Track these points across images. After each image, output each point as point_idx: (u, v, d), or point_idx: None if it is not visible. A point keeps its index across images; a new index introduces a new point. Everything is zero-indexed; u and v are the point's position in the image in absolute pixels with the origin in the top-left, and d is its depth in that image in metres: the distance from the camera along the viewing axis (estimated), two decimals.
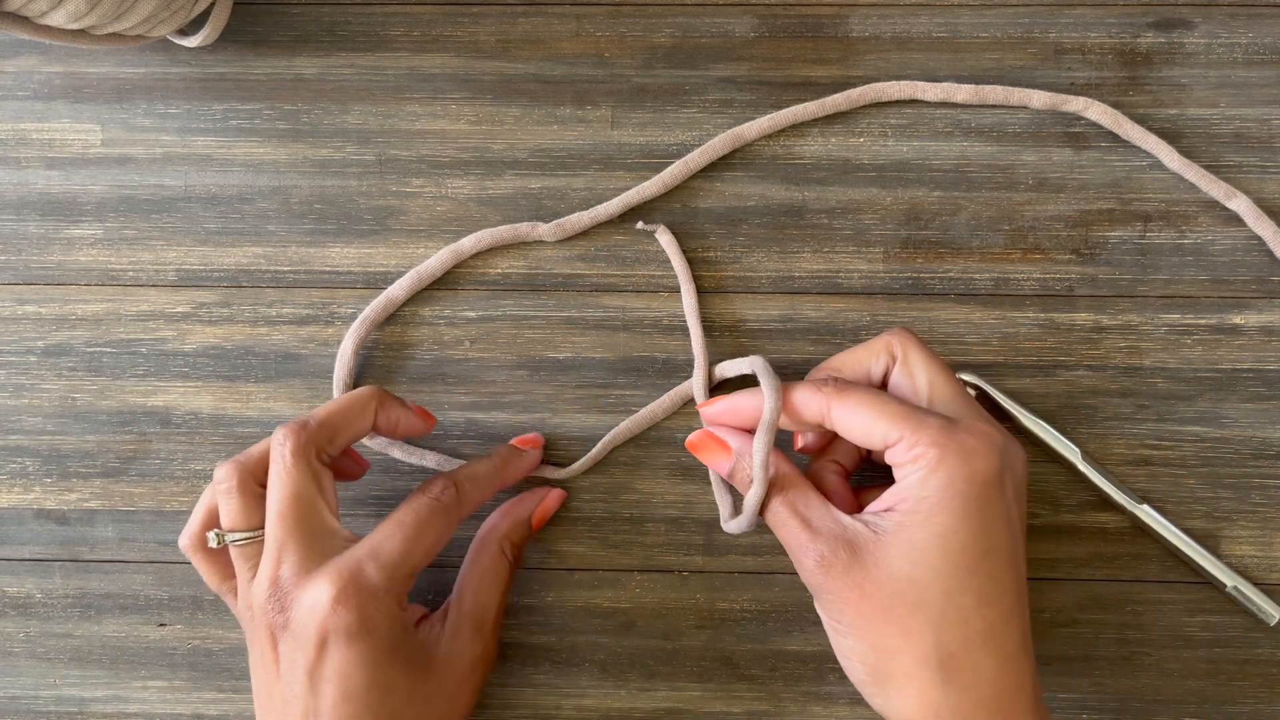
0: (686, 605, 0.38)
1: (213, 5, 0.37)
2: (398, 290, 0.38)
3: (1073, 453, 0.37)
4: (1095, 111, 0.38)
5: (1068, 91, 0.38)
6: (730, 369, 0.37)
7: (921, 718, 0.30)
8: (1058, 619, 0.38)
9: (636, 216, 0.38)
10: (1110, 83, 0.38)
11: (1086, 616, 0.38)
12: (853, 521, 0.31)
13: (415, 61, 0.39)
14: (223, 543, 0.33)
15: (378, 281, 0.39)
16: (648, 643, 0.38)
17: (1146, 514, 0.37)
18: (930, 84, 0.38)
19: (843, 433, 0.32)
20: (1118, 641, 0.38)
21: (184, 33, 0.38)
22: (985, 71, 0.38)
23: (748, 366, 0.35)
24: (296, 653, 0.31)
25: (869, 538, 0.30)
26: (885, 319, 0.38)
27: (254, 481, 0.33)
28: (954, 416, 0.31)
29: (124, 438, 0.39)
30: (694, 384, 0.37)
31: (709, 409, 0.35)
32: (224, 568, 0.34)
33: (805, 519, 0.31)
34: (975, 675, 0.29)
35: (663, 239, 0.38)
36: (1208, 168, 0.38)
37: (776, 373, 0.33)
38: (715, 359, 0.38)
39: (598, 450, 0.38)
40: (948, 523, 0.29)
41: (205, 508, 0.34)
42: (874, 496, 0.32)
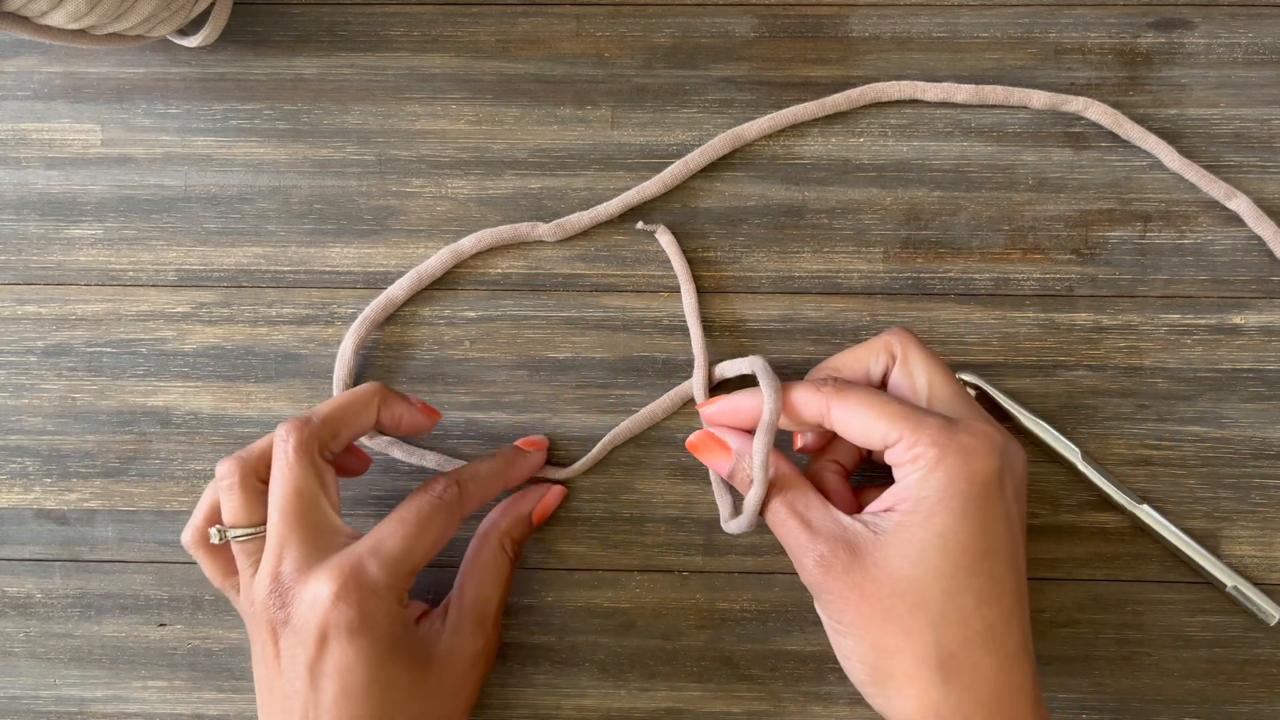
0: (686, 605, 0.38)
1: (213, 5, 0.37)
2: (398, 290, 0.38)
3: (1073, 453, 0.37)
4: (1095, 111, 0.38)
5: (1068, 91, 0.38)
6: (730, 369, 0.37)
7: (921, 718, 0.30)
8: (1058, 619, 0.38)
9: (636, 216, 0.38)
10: (1110, 83, 0.38)
11: (1086, 616, 0.38)
12: (852, 522, 0.31)
13: (415, 61, 0.39)
14: (225, 539, 0.33)
15: (378, 281, 0.39)
16: (648, 643, 0.38)
17: (1146, 514, 0.37)
18: (930, 84, 0.38)
19: (842, 433, 0.32)
20: (1118, 641, 0.38)
21: (184, 33, 0.38)
22: (985, 71, 0.38)
23: (747, 366, 0.35)
24: (297, 648, 0.31)
25: (868, 538, 0.30)
26: (885, 319, 0.38)
27: (256, 478, 0.33)
28: (953, 416, 0.31)
29: (124, 438, 0.39)
30: (694, 384, 0.37)
31: (708, 409, 0.35)
32: (226, 564, 0.34)
33: (805, 519, 0.31)
34: (975, 675, 0.29)
35: (663, 239, 0.38)
36: (1208, 168, 0.38)
37: (776, 373, 0.33)
38: (715, 359, 0.38)
39: (598, 450, 0.38)
40: (947, 522, 0.29)
41: (208, 504, 0.34)
42: (874, 496, 0.32)
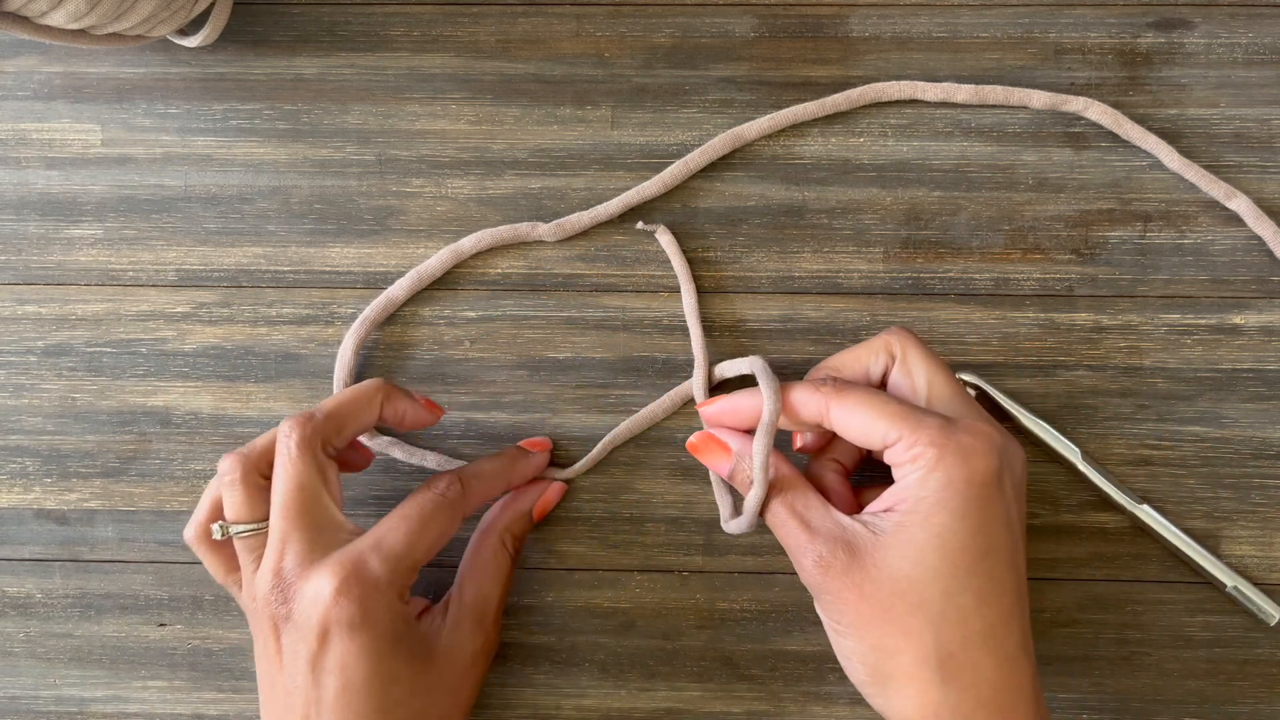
0: (686, 605, 0.38)
1: (213, 5, 0.37)
2: (398, 290, 0.38)
3: (1073, 453, 0.37)
4: (1095, 111, 0.38)
5: (1068, 91, 0.38)
6: (730, 369, 0.37)
7: (921, 718, 0.30)
8: (1058, 619, 0.38)
9: (636, 216, 0.38)
10: (1110, 83, 0.38)
11: (1086, 616, 0.38)
12: (852, 522, 0.31)
13: (415, 61, 0.39)
14: (227, 534, 0.33)
15: (378, 281, 0.39)
16: (648, 643, 0.38)
17: (1146, 514, 0.37)
18: (930, 84, 0.38)
19: (841, 432, 0.32)
20: (1118, 641, 0.38)
21: (184, 33, 0.38)
22: (985, 71, 0.38)
23: (747, 367, 0.35)
24: (299, 644, 0.31)
25: (868, 538, 0.30)
26: (885, 319, 0.38)
27: (258, 474, 0.33)
28: (953, 416, 0.31)
29: (124, 438, 0.39)
30: (694, 384, 0.37)
31: (708, 409, 0.35)
32: (229, 560, 0.34)
33: (804, 520, 0.31)
34: (975, 675, 0.29)
35: (663, 239, 0.38)
36: (1208, 168, 0.38)
37: (776, 373, 0.33)
38: (715, 359, 0.38)
39: (598, 450, 0.38)
40: (946, 523, 0.29)
41: (210, 500, 0.34)
42: (874, 495, 0.32)
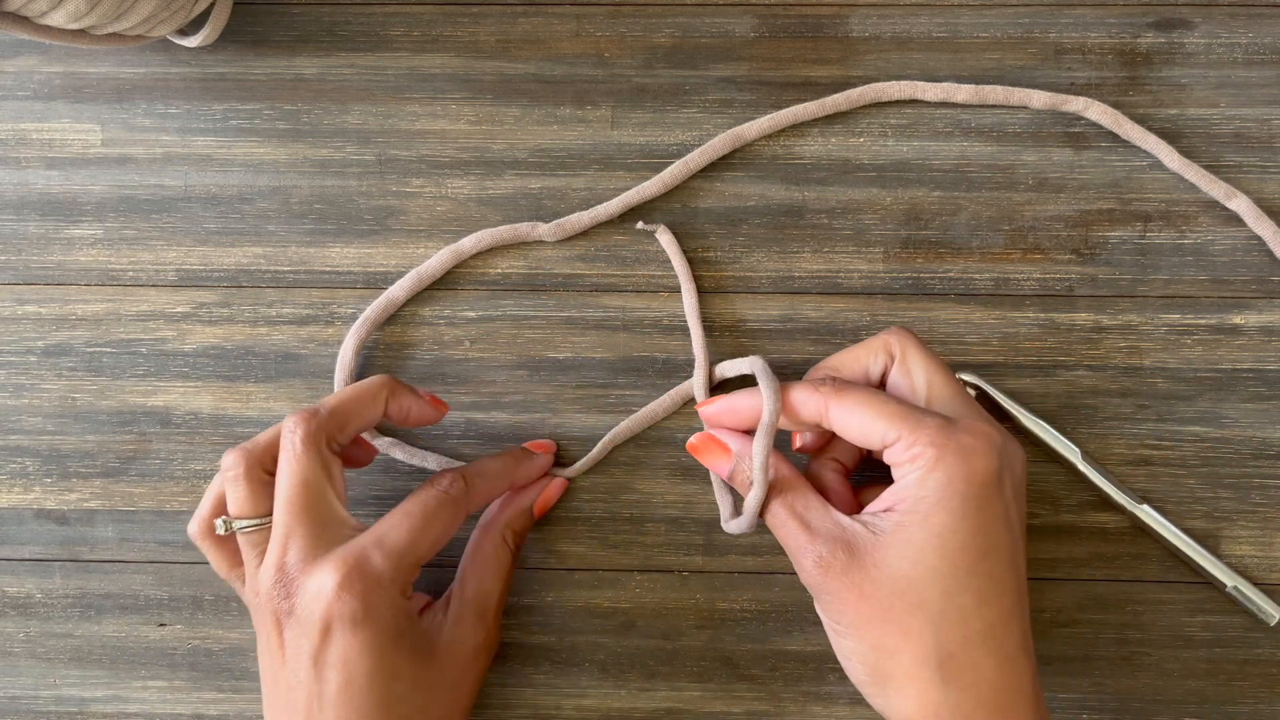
0: (686, 605, 0.38)
1: (213, 5, 0.37)
2: (398, 291, 0.38)
3: (1073, 453, 0.37)
4: (1095, 111, 0.38)
5: (1068, 91, 0.38)
6: (731, 369, 0.37)
7: (922, 718, 0.30)
8: (1058, 619, 0.38)
9: (636, 216, 0.38)
10: (1110, 83, 0.38)
11: (1086, 616, 0.38)
12: (851, 522, 0.31)
13: (415, 61, 0.39)
14: (230, 529, 0.33)
15: (378, 281, 0.39)
16: (648, 643, 0.38)
17: (1146, 514, 0.37)
18: (930, 84, 0.38)
19: (840, 432, 0.32)
20: (1118, 641, 0.38)
21: (184, 33, 0.38)
22: (985, 71, 0.38)
23: (748, 367, 0.35)
24: (301, 639, 0.31)
25: (867, 538, 0.30)
26: (885, 319, 0.38)
27: (261, 469, 0.33)
28: (952, 416, 0.31)
29: (124, 438, 0.39)
30: (694, 383, 0.37)
31: (707, 409, 0.35)
32: (232, 555, 0.34)
33: (804, 520, 0.31)
34: (975, 675, 0.29)
35: (663, 238, 0.38)
36: (1208, 168, 0.38)
37: (776, 373, 0.33)
38: (715, 359, 0.38)
39: (599, 450, 0.38)
40: (946, 522, 0.29)
41: (214, 495, 0.34)
42: (874, 495, 0.32)
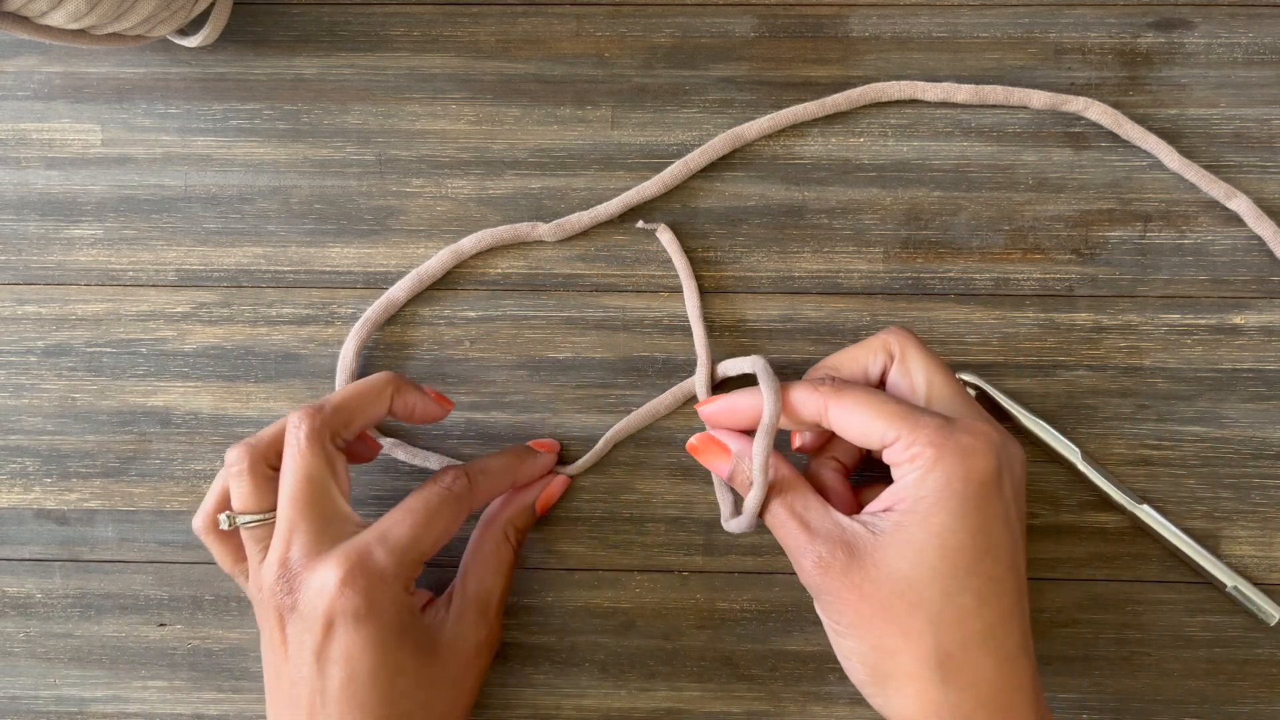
0: (686, 605, 0.38)
1: (213, 5, 0.37)
2: (399, 291, 0.38)
3: (1073, 453, 0.37)
4: (1095, 111, 0.38)
5: (1068, 91, 0.38)
6: (732, 368, 0.37)
7: (922, 718, 0.30)
8: (1058, 619, 0.38)
9: (636, 216, 0.38)
10: (1110, 83, 0.38)
11: (1086, 616, 0.38)
12: (851, 522, 0.31)
13: (415, 61, 0.39)
14: (234, 525, 0.33)
15: (378, 281, 0.39)
16: (648, 643, 0.38)
17: (1146, 514, 0.37)
18: (930, 84, 0.38)
19: (840, 432, 0.32)
20: (1118, 641, 0.38)
21: (184, 33, 0.38)
22: (985, 71, 0.38)
23: (749, 366, 0.35)
24: (304, 634, 0.31)
25: (867, 538, 0.30)
26: (885, 319, 0.38)
27: (265, 464, 0.33)
28: (952, 416, 0.31)
29: (124, 438, 0.39)
30: (696, 382, 0.37)
31: (707, 409, 0.35)
32: (236, 550, 0.34)
33: (804, 521, 0.31)
34: (975, 675, 0.29)
35: (663, 238, 0.38)
36: (1208, 168, 0.38)
37: (776, 373, 0.33)
38: (716, 359, 0.38)
39: (600, 446, 0.38)
40: (945, 522, 0.29)
41: (218, 490, 0.34)
42: (874, 495, 0.32)
